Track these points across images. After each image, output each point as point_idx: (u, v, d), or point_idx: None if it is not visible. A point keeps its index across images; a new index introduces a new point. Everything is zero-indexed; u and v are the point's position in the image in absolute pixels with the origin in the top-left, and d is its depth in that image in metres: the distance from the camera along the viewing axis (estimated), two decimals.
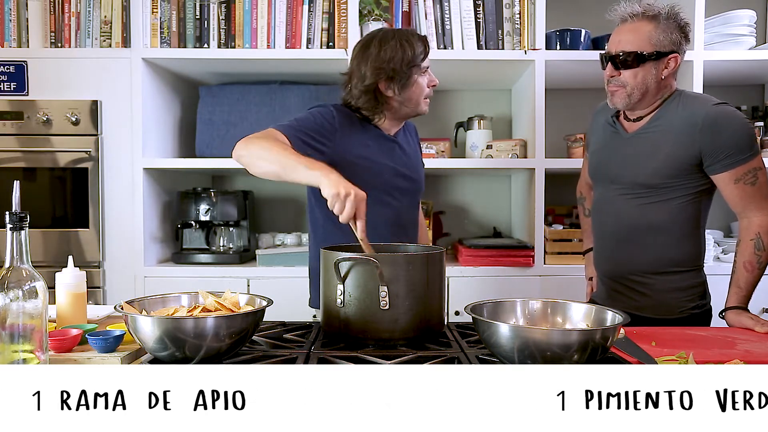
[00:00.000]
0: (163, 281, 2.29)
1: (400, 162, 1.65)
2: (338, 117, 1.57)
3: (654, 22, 1.49)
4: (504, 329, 0.99)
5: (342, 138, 1.55)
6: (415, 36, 1.58)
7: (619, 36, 1.53)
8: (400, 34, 1.57)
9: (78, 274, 1.26)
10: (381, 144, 1.62)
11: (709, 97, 1.54)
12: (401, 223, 1.66)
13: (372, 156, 1.59)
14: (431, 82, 1.62)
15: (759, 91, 2.83)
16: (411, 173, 1.68)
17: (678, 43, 1.50)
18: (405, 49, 1.54)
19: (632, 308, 1.55)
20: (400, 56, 1.53)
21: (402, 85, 1.56)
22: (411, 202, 1.71)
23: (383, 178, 1.60)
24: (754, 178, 1.47)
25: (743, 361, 1.05)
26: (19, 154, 2.27)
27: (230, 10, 2.32)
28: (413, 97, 1.59)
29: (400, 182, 1.65)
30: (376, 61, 1.54)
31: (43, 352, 0.95)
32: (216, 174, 2.87)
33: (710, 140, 1.45)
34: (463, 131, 2.66)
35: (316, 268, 1.67)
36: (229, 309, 1.11)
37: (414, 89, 1.58)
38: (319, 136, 1.51)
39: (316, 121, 1.53)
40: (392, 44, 1.54)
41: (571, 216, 2.69)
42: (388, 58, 1.53)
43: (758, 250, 1.48)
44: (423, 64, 1.58)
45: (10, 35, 2.31)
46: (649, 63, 1.49)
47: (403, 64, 1.54)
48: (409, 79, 1.56)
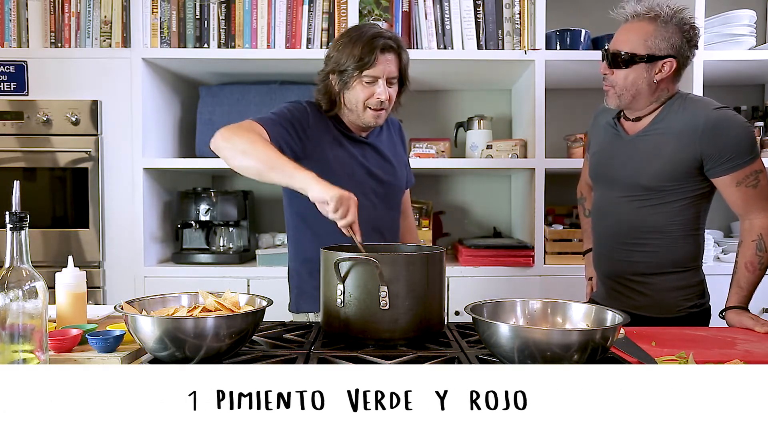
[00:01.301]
0: (163, 281, 2.29)
1: (373, 163, 1.62)
2: (311, 113, 1.55)
3: (653, 24, 1.47)
4: (504, 329, 0.99)
5: (315, 134, 1.53)
6: (373, 44, 1.48)
7: (619, 35, 1.53)
8: (362, 34, 1.50)
9: (78, 274, 1.26)
10: (352, 144, 1.60)
11: (711, 100, 1.53)
12: (376, 227, 1.61)
13: (341, 156, 1.57)
14: (374, 95, 1.51)
15: (759, 91, 2.83)
16: (384, 175, 1.64)
17: (678, 47, 1.47)
18: (352, 50, 1.48)
19: (631, 307, 1.56)
20: (346, 54, 1.49)
21: (343, 83, 1.52)
22: (387, 205, 1.66)
23: (355, 178, 1.57)
24: (756, 181, 1.47)
25: (743, 361, 1.05)
26: (19, 154, 2.27)
27: (230, 10, 2.31)
28: (352, 101, 1.54)
29: (373, 184, 1.61)
30: (332, 50, 1.54)
31: (43, 352, 0.95)
32: (216, 174, 2.87)
33: (711, 144, 1.45)
34: (463, 131, 2.66)
35: (293, 268, 1.68)
36: (229, 309, 1.11)
37: (351, 93, 1.53)
38: (296, 131, 1.50)
39: (294, 115, 1.52)
40: (345, 39, 1.51)
41: (571, 216, 2.69)
42: (338, 49, 1.52)
43: (760, 251, 1.48)
44: (368, 73, 1.49)
45: (10, 35, 2.31)
46: (640, 65, 1.48)
47: (345, 64, 1.49)
48: (348, 81, 1.51)
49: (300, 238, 1.63)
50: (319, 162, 1.50)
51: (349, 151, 1.58)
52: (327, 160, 1.53)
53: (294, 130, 1.50)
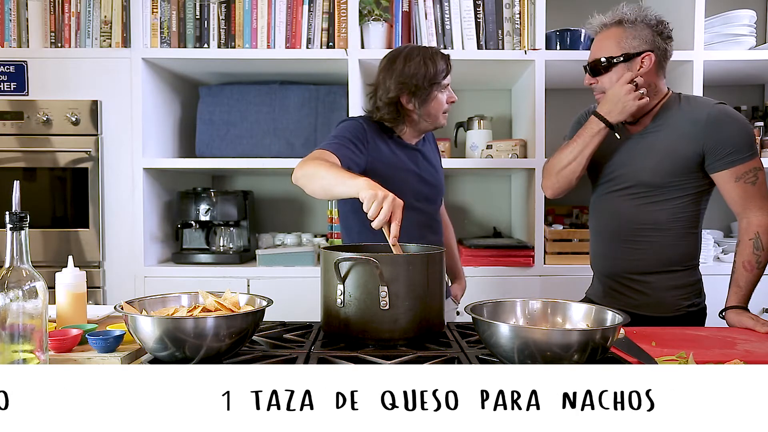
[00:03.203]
0: (163, 281, 2.29)
1: (423, 169, 1.73)
2: (368, 128, 1.65)
3: (620, 27, 1.55)
4: (504, 329, 0.99)
5: (373, 147, 1.63)
6: (439, 54, 1.65)
7: (593, 47, 1.62)
8: (425, 52, 1.64)
9: (78, 274, 1.26)
10: (406, 153, 1.70)
11: (709, 98, 1.58)
12: (429, 225, 1.75)
13: (399, 164, 1.67)
14: (450, 98, 1.69)
15: (759, 91, 2.83)
16: (433, 179, 1.77)
17: (651, 41, 1.53)
18: (428, 67, 1.61)
19: (629, 306, 1.56)
20: (423, 73, 1.61)
21: (422, 100, 1.64)
22: (435, 206, 1.80)
23: (410, 185, 1.68)
24: (755, 178, 1.49)
25: (743, 361, 1.05)
26: (19, 154, 2.27)
27: (230, 10, 2.32)
28: (432, 112, 1.67)
29: (425, 188, 1.73)
30: (401, 76, 1.62)
31: (43, 352, 0.95)
32: (216, 174, 2.88)
33: (713, 137, 1.48)
34: (463, 131, 2.66)
35: None
36: (229, 309, 1.11)
37: (433, 104, 1.66)
38: (357, 148, 1.59)
39: (352, 133, 1.61)
40: (417, 61, 1.62)
41: (571, 216, 2.69)
42: (411, 73, 1.61)
43: (757, 249, 1.48)
44: (444, 81, 1.65)
45: (10, 35, 2.31)
46: (620, 66, 1.55)
47: (425, 81, 1.61)
48: (429, 95, 1.63)
49: (350, 226, 1.72)
50: (378, 172, 1.60)
51: (403, 160, 1.69)
52: (385, 171, 1.63)
53: (356, 148, 1.59)
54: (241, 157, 2.41)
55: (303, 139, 2.45)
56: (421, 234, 1.70)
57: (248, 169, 2.52)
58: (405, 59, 1.63)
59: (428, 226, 1.75)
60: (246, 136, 2.46)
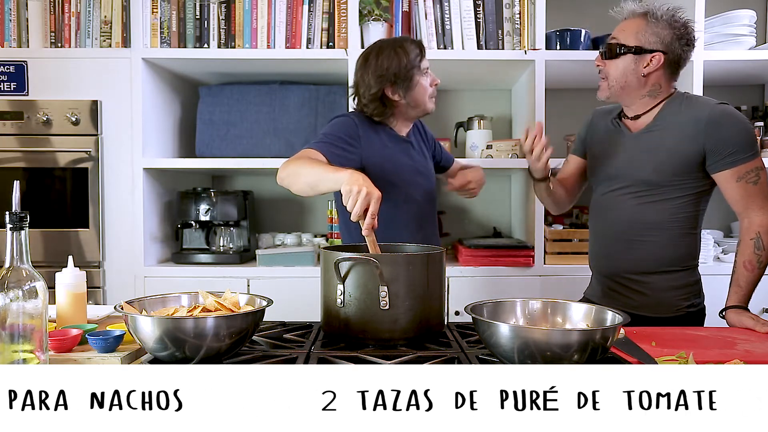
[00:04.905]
0: (163, 281, 2.29)
1: (417, 160, 1.75)
2: (359, 123, 1.66)
3: (644, 20, 1.54)
4: (504, 329, 0.99)
5: (366, 142, 1.64)
6: (408, 41, 1.69)
7: (615, 30, 1.60)
8: (394, 42, 1.68)
9: (78, 274, 1.26)
10: (398, 145, 1.72)
11: (711, 98, 1.58)
12: (423, 216, 1.76)
13: (392, 156, 1.69)
14: (433, 81, 1.71)
15: (759, 91, 2.83)
16: (424, 170, 1.78)
17: (667, 43, 1.52)
18: (400, 55, 1.65)
19: (628, 307, 1.56)
20: (397, 62, 1.64)
21: (406, 87, 1.66)
22: (429, 197, 1.79)
23: (404, 177, 1.70)
24: (757, 177, 1.49)
25: (743, 361, 1.05)
26: (19, 154, 2.27)
27: (230, 10, 2.32)
28: (418, 98, 1.69)
29: (419, 179, 1.74)
30: (378, 70, 1.65)
31: (43, 352, 0.95)
32: (216, 174, 2.87)
33: (715, 136, 1.48)
34: (463, 131, 2.66)
35: None
36: (229, 309, 1.11)
37: (418, 90, 1.68)
38: (348, 144, 1.60)
39: (342, 130, 1.63)
40: (388, 52, 1.65)
41: (571, 216, 2.69)
42: (386, 65, 1.64)
43: (758, 249, 1.48)
44: (422, 65, 1.68)
45: (10, 35, 2.31)
46: (628, 56, 1.54)
47: (402, 68, 1.64)
48: (412, 82, 1.66)
49: (350, 225, 1.71)
50: (373, 166, 1.62)
51: (396, 152, 1.71)
52: (379, 164, 1.64)
53: (348, 144, 1.61)
54: (241, 157, 2.41)
55: (303, 139, 2.45)
56: (416, 228, 1.71)
57: (248, 169, 2.52)
58: (377, 54, 1.67)
59: (423, 219, 1.76)
60: (246, 136, 2.46)
